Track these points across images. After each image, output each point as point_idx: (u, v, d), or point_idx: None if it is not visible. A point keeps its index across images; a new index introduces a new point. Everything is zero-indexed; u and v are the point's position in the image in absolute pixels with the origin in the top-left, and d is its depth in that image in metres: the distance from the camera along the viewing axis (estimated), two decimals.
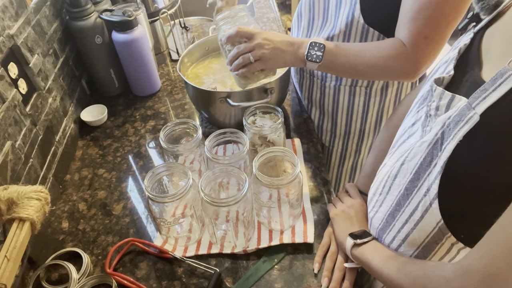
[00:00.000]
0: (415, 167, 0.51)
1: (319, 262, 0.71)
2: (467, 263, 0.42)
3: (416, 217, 0.52)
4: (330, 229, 0.76)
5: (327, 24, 0.90)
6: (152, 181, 0.72)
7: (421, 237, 0.53)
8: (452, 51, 0.55)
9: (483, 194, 0.44)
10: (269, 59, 0.80)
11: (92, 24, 1.06)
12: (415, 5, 0.71)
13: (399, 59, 0.76)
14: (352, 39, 0.86)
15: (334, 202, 0.79)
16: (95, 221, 0.85)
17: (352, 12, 0.82)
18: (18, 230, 0.61)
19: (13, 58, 0.81)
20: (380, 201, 0.62)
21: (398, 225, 0.56)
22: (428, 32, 0.72)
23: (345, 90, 0.96)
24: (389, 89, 0.94)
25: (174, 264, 0.75)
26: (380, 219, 0.62)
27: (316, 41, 0.78)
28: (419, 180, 0.51)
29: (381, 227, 0.62)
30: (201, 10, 1.84)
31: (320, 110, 1.05)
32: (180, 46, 1.40)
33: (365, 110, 0.98)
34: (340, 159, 1.13)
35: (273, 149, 0.74)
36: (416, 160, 0.51)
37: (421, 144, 0.51)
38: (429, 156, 0.49)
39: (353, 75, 0.86)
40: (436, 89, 0.50)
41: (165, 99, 1.19)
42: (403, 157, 0.55)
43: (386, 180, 0.60)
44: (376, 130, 1.03)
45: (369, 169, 0.78)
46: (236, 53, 0.81)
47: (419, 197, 0.51)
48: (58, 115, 0.98)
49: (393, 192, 0.57)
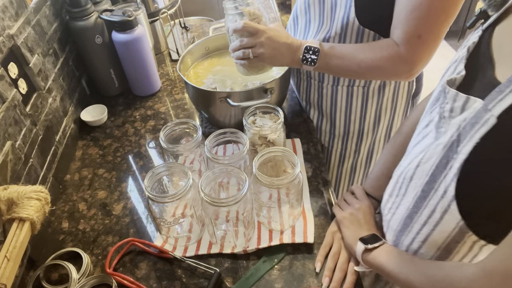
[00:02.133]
0: (430, 169, 0.51)
1: (321, 261, 0.71)
2: (489, 264, 0.42)
3: (435, 219, 0.51)
4: (332, 228, 0.75)
5: (323, 26, 0.90)
6: (152, 181, 0.72)
7: (441, 238, 0.52)
8: (462, 49, 0.54)
9: (502, 194, 0.44)
10: (267, 58, 0.83)
11: (92, 24, 1.06)
12: (407, 6, 0.72)
13: (392, 59, 0.77)
14: (348, 41, 0.86)
15: (341, 204, 0.78)
16: (95, 221, 0.85)
17: (347, 14, 0.82)
18: (18, 230, 0.61)
19: (13, 58, 0.81)
20: (396, 203, 0.61)
21: (416, 227, 0.56)
22: (421, 32, 0.73)
23: (343, 91, 0.96)
24: (386, 88, 0.94)
25: (174, 264, 0.75)
26: (398, 221, 0.61)
27: (311, 45, 0.81)
28: (435, 182, 0.50)
29: (399, 229, 0.61)
30: (201, 10, 1.84)
31: (318, 111, 1.05)
32: (180, 46, 1.40)
33: (363, 110, 0.99)
34: (339, 160, 1.14)
35: (273, 149, 0.74)
36: (431, 162, 0.51)
37: (436, 146, 0.50)
38: (445, 158, 0.48)
39: (348, 75, 0.89)
40: (449, 91, 0.49)
41: (165, 99, 1.19)
42: (418, 159, 0.55)
43: (402, 182, 0.59)
44: (375, 130, 1.03)
45: (378, 172, 0.78)
46: (238, 45, 0.84)
47: (437, 198, 0.50)
48: (58, 115, 0.98)
49: (409, 194, 0.57)
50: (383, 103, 0.97)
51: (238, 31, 0.83)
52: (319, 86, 1.00)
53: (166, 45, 1.42)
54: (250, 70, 0.89)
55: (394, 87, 0.94)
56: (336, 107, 1.00)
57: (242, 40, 0.83)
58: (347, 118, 1.02)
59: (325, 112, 1.04)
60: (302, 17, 0.97)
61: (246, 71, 0.90)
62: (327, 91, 0.99)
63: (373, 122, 1.01)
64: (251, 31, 0.82)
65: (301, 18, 0.98)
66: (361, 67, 0.80)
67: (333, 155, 1.13)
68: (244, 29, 0.82)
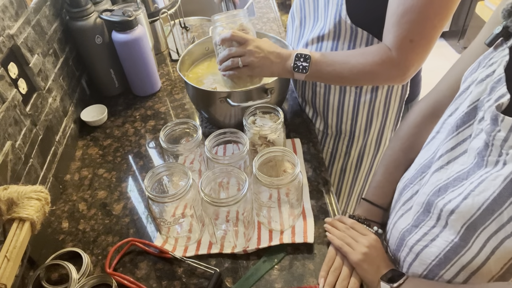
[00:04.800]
0: (485, 202, 0.49)
1: (324, 277, 0.69)
2: None
3: (490, 248, 0.50)
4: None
5: (318, 23, 0.90)
6: (152, 181, 0.72)
7: (497, 267, 0.51)
8: (483, 68, 0.53)
9: None
10: (257, 67, 0.83)
11: (92, 24, 1.06)
12: (399, 9, 0.71)
13: (384, 64, 0.76)
14: (342, 39, 0.86)
15: (349, 244, 0.71)
16: (95, 221, 0.85)
17: (339, 12, 0.82)
18: (18, 230, 0.61)
19: (13, 58, 0.81)
20: (433, 234, 0.57)
21: (465, 259, 0.53)
22: (413, 36, 0.72)
23: (335, 89, 0.96)
24: (379, 90, 0.93)
25: (174, 264, 0.75)
26: (435, 254, 0.57)
27: (302, 52, 0.81)
28: (493, 214, 0.48)
29: (436, 263, 0.57)
30: (201, 10, 1.84)
31: (313, 109, 1.06)
32: (180, 46, 1.40)
33: (355, 111, 0.98)
34: (330, 160, 1.14)
35: (273, 149, 0.74)
36: (486, 195, 0.49)
37: (495, 178, 0.48)
38: (507, 191, 0.47)
39: (341, 82, 0.88)
40: (504, 119, 0.47)
41: (165, 99, 1.19)
42: (462, 191, 0.52)
43: (438, 213, 0.56)
44: (366, 133, 1.03)
45: (380, 180, 0.77)
46: (227, 54, 0.84)
47: (493, 228, 0.49)
48: (58, 115, 0.98)
49: (453, 227, 0.54)
50: (375, 105, 0.96)
51: (227, 40, 0.83)
52: (313, 83, 1.00)
53: (166, 45, 1.42)
54: (238, 83, 0.88)
55: (387, 90, 0.94)
56: (328, 105, 1.00)
57: (230, 49, 0.83)
58: (339, 118, 1.02)
59: (318, 110, 1.04)
60: (298, 14, 0.98)
61: (234, 84, 0.89)
62: (320, 89, 0.99)
63: (365, 124, 1.01)
64: (239, 40, 0.82)
65: (297, 15, 0.99)
66: (353, 73, 0.79)
67: (324, 154, 1.13)
68: (232, 38, 0.82)
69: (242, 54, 0.82)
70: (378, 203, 0.76)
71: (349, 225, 0.74)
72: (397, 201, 0.69)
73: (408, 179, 0.66)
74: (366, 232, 0.72)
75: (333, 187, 1.21)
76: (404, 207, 0.65)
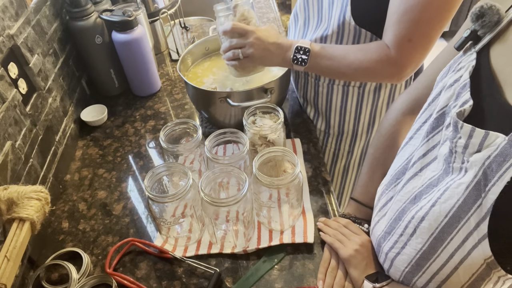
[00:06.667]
0: (451, 210, 0.48)
1: (322, 279, 0.69)
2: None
3: (459, 257, 0.49)
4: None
5: (322, 24, 0.90)
6: (152, 181, 0.72)
7: (466, 276, 0.50)
8: (452, 73, 0.52)
9: None
10: (257, 58, 0.84)
11: (92, 24, 1.06)
12: (400, 8, 0.71)
13: (382, 62, 0.76)
14: (345, 40, 0.86)
15: (341, 240, 0.72)
16: (95, 221, 0.85)
17: (344, 14, 0.82)
18: (18, 230, 0.61)
19: (13, 58, 0.81)
20: (402, 242, 0.57)
21: (435, 267, 0.53)
22: (412, 36, 0.72)
23: (338, 90, 0.96)
24: (382, 90, 0.94)
25: (174, 264, 0.75)
26: (406, 261, 0.57)
27: (301, 45, 0.81)
28: (459, 222, 0.48)
29: (409, 270, 0.57)
30: (201, 10, 1.84)
31: (314, 109, 1.06)
32: (180, 46, 1.40)
33: (357, 111, 0.99)
34: (332, 160, 1.14)
35: (273, 149, 0.74)
36: (452, 202, 0.48)
37: (457, 186, 0.47)
38: (471, 198, 0.46)
39: (339, 77, 0.90)
40: (463, 126, 0.46)
41: (165, 99, 1.19)
42: (430, 198, 0.51)
43: (409, 220, 0.55)
44: (369, 132, 1.03)
45: (365, 178, 0.77)
46: (228, 46, 0.85)
47: (461, 238, 0.48)
48: (58, 115, 0.98)
49: (421, 235, 0.53)
50: (378, 105, 0.97)
51: (228, 33, 0.84)
52: (315, 84, 1.00)
53: (166, 45, 1.42)
54: (241, 72, 0.90)
55: (390, 90, 0.94)
56: (331, 106, 1.01)
57: (231, 41, 0.84)
58: (342, 118, 1.02)
59: (320, 110, 1.04)
60: (302, 14, 0.98)
61: (237, 73, 0.91)
62: (323, 89, 0.99)
63: (368, 124, 1.01)
64: (240, 32, 0.83)
65: (300, 15, 0.98)
66: (350, 68, 0.80)
67: (326, 154, 1.13)
68: (233, 30, 0.82)
69: (242, 46, 0.83)
70: (365, 202, 0.76)
71: (343, 225, 0.75)
72: (376, 206, 0.69)
73: (385, 185, 0.66)
74: (359, 232, 0.73)
75: (336, 186, 1.21)
76: (380, 213, 0.65)
